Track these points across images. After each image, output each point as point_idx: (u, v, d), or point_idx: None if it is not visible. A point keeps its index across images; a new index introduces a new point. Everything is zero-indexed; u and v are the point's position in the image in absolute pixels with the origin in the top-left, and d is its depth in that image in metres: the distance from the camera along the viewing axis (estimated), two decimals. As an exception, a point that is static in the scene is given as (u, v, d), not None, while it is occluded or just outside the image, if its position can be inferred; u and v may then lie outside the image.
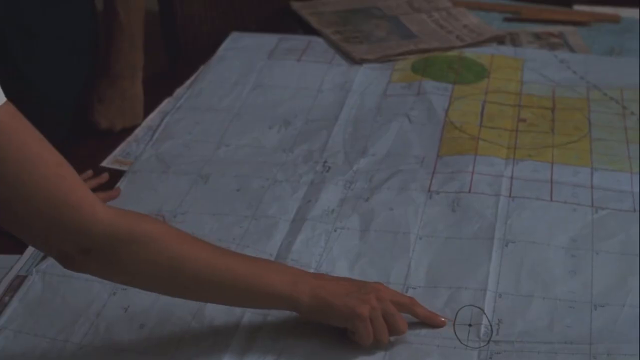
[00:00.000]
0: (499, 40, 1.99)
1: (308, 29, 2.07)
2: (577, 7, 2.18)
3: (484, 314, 1.23)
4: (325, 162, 1.56)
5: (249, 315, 1.22)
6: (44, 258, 1.33)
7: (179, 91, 1.81)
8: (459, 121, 1.66)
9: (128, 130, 1.68)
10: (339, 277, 1.25)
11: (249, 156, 1.59)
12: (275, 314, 1.22)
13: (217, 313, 1.22)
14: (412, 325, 1.20)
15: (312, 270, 1.30)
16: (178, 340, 1.19)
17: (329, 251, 1.35)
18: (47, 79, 1.59)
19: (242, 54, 1.95)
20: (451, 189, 1.47)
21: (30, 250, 1.36)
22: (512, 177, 1.49)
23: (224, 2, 2.21)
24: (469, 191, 1.46)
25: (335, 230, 1.39)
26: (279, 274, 1.15)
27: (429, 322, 1.21)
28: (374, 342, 1.16)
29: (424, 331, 1.20)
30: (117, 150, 1.62)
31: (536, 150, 1.57)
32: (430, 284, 1.28)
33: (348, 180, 1.51)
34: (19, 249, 1.36)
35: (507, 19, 2.13)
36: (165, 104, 1.76)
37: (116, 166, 1.58)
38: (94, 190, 1.47)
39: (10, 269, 1.32)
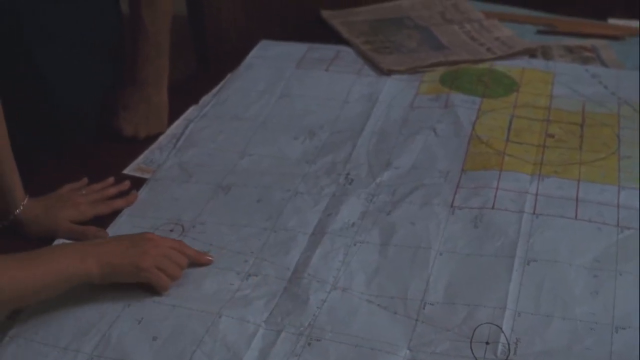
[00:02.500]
0: (531, 53, 1.96)
1: (338, 38, 2.05)
2: (612, 21, 2.15)
3: (502, 332, 1.21)
4: (348, 174, 1.54)
5: (262, 331, 1.21)
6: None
7: (204, 99, 1.80)
8: (486, 135, 1.63)
9: (152, 138, 1.67)
10: (113, 237, 1.35)
11: (271, 167, 1.57)
12: (290, 331, 1.20)
13: (230, 328, 1.21)
14: (428, 343, 1.19)
15: (329, 286, 1.28)
16: (190, 354, 1.17)
17: (347, 265, 1.33)
18: (69, 83, 1.59)
19: (270, 62, 1.94)
20: (474, 204, 1.45)
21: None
22: (536, 194, 1.47)
23: (254, 10, 2.20)
24: (492, 207, 1.44)
25: (354, 244, 1.38)
26: (65, 258, 1.20)
27: (196, 261, 1.32)
28: (170, 280, 1.27)
29: (439, 348, 1.19)
30: (140, 158, 1.62)
31: (563, 167, 1.54)
32: (449, 301, 1.27)
33: (370, 193, 1.49)
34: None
35: (540, 32, 2.10)
36: (190, 112, 1.76)
37: (138, 174, 1.57)
38: (114, 197, 1.47)
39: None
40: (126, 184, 1.52)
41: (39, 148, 1.59)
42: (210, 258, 1.34)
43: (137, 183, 1.54)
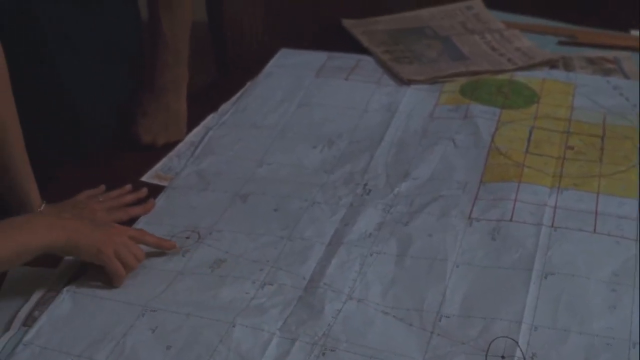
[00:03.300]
0: (552, 64, 1.95)
1: (358, 48, 2.05)
2: (634, 32, 2.14)
3: (518, 346, 1.20)
4: (366, 184, 1.54)
5: (276, 339, 1.21)
6: (76, 275, 1.33)
7: (224, 107, 1.80)
8: (505, 147, 1.63)
9: (170, 145, 1.67)
10: (75, 216, 1.38)
11: (289, 176, 1.57)
12: (304, 339, 1.20)
13: (244, 336, 1.21)
14: (443, 356, 1.18)
15: (344, 297, 1.28)
16: (204, 362, 1.17)
17: (364, 276, 1.33)
18: (88, 89, 1.60)
19: (290, 70, 1.94)
20: (492, 216, 1.44)
21: (64, 264, 1.36)
22: (555, 207, 1.46)
23: (275, 18, 2.20)
24: (511, 220, 1.43)
25: (371, 255, 1.37)
26: (31, 230, 1.23)
27: (159, 247, 1.37)
28: (125, 269, 1.30)
29: (455, 362, 1.18)
30: (159, 165, 1.62)
31: (582, 180, 1.53)
32: (465, 313, 1.26)
33: (388, 203, 1.49)
34: (53, 262, 1.35)
35: (561, 43, 2.09)
36: (209, 119, 1.76)
37: (156, 181, 1.57)
38: (131, 204, 1.48)
39: (43, 284, 1.31)
40: (143, 192, 1.52)
41: (57, 154, 1.60)
42: (172, 243, 1.38)
43: (155, 190, 1.54)
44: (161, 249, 1.37)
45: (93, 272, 1.33)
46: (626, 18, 2.14)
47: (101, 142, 1.66)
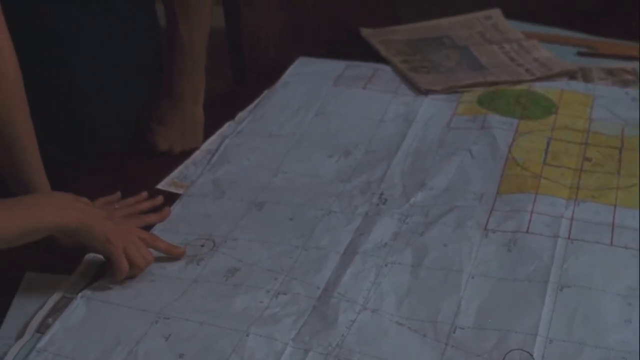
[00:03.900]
0: (570, 75, 1.94)
1: (376, 57, 2.05)
2: (655, 44, 2.13)
3: (533, 359, 1.19)
4: (382, 194, 1.53)
5: (290, 349, 1.20)
6: (91, 282, 1.33)
7: (240, 115, 1.80)
8: (522, 158, 1.62)
9: (187, 153, 1.67)
10: (89, 203, 1.34)
11: (305, 185, 1.57)
12: (317, 350, 1.20)
13: (258, 346, 1.21)
14: (457, 368, 1.17)
15: (358, 307, 1.27)
16: (216, 371, 1.17)
17: (378, 286, 1.32)
18: (105, 96, 1.60)
19: (307, 79, 1.93)
20: (508, 228, 1.43)
21: (79, 270, 1.36)
22: (572, 219, 1.45)
23: (293, 27, 2.20)
24: (527, 231, 1.42)
25: (386, 265, 1.37)
26: (45, 209, 1.24)
27: (168, 253, 1.37)
28: (131, 269, 1.30)
29: (469, 374, 1.18)
30: (174, 173, 1.62)
31: (599, 192, 1.52)
32: (480, 325, 1.25)
33: (404, 213, 1.48)
34: (69, 268, 1.36)
35: (580, 54, 2.08)
36: (226, 128, 1.76)
37: (172, 189, 1.57)
38: (147, 212, 1.48)
39: (57, 290, 1.31)
40: (159, 199, 1.52)
41: (73, 161, 1.60)
42: (182, 250, 1.38)
43: (171, 198, 1.54)
44: (170, 256, 1.38)
45: (108, 278, 1.33)
46: (646, 29, 2.13)
47: (117, 149, 1.66)
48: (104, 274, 1.34)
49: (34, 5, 1.51)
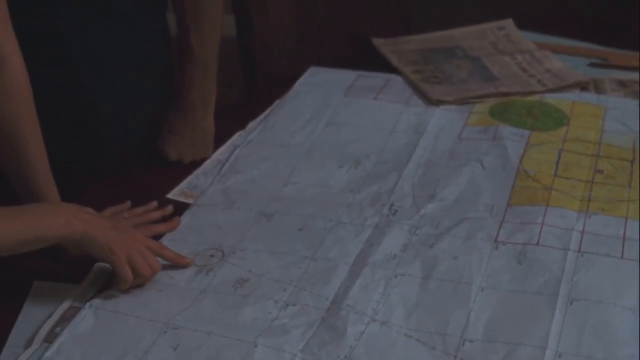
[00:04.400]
0: (582, 86, 1.94)
1: (388, 66, 2.04)
2: (668, 55, 2.12)
3: (542, 372, 1.18)
4: (392, 205, 1.53)
5: (298, 360, 1.20)
6: (99, 291, 1.33)
7: (251, 124, 1.80)
8: (533, 170, 1.61)
9: (197, 163, 1.67)
10: (96, 213, 1.35)
11: (315, 195, 1.56)
12: (325, 360, 1.20)
13: (266, 357, 1.20)
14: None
15: (367, 319, 1.27)
16: (224, 382, 1.17)
17: (387, 298, 1.32)
18: (116, 105, 1.59)
19: (318, 89, 1.93)
20: (519, 240, 1.43)
21: (88, 280, 1.36)
22: (583, 231, 1.45)
23: (305, 36, 2.19)
24: (537, 243, 1.42)
25: (395, 277, 1.36)
26: (50, 218, 1.25)
27: (175, 263, 1.37)
28: (137, 278, 1.31)
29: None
30: (184, 183, 1.62)
31: (610, 204, 1.51)
32: (489, 338, 1.24)
33: (414, 225, 1.48)
34: (77, 278, 1.36)
35: (592, 65, 2.07)
36: (236, 137, 1.76)
37: (182, 198, 1.57)
38: (157, 221, 1.47)
39: (66, 299, 1.31)
40: (169, 209, 1.52)
41: (83, 170, 1.60)
42: (188, 260, 1.38)
43: (180, 208, 1.54)
44: (177, 265, 1.38)
45: (115, 288, 1.33)
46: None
47: (128, 158, 1.66)
48: (113, 283, 1.33)
49: (45, 14, 1.51)
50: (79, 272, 1.36)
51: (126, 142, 1.66)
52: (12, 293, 1.33)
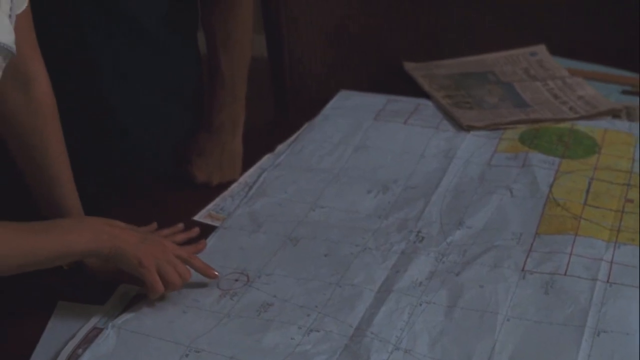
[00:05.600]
0: (614, 114, 1.92)
1: (419, 91, 2.03)
2: (702, 84, 2.10)
3: (567, 406, 1.17)
4: (419, 231, 1.52)
5: (319, 388, 1.19)
6: (123, 311, 1.33)
7: (280, 148, 1.80)
8: (563, 198, 1.60)
9: (224, 185, 1.67)
10: (125, 225, 1.35)
11: (342, 220, 1.56)
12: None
13: (287, 383, 1.19)
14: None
15: (391, 347, 1.26)
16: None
17: (412, 326, 1.31)
18: (143, 126, 1.60)
19: (348, 113, 1.93)
20: (546, 269, 1.41)
21: (111, 301, 1.36)
22: (611, 262, 1.43)
23: (335, 59, 2.19)
24: (565, 273, 1.40)
25: (420, 305, 1.35)
26: (79, 233, 1.26)
27: (203, 273, 1.38)
28: (167, 287, 1.31)
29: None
30: (211, 205, 1.61)
31: (640, 235, 1.50)
32: (513, 369, 1.23)
33: (440, 252, 1.47)
34: (102, 298, 1.35)
35: (625, 92, 2.05)
36: (264, 160, 1.75)
37: (208, 221, 1.57)
38: (183, 244, 1.47)
39: (89, 320, 1.31)
40: (195, 231, 1.52)
41: (111, 191, 1.60)
42: (216, 273, 1.39)
43: (207, 230, 1.54)
44: (205, 275, 1.38)
45: (139, 308, 1.33)
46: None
47: (156, 180, 1.66)
48: (136, 304, 1.33)
49: (77, 39, 1.51)
50: (103, 293, 1.36)
51: (156, 167, 1.66)
52: (36, 312, 1.33)
